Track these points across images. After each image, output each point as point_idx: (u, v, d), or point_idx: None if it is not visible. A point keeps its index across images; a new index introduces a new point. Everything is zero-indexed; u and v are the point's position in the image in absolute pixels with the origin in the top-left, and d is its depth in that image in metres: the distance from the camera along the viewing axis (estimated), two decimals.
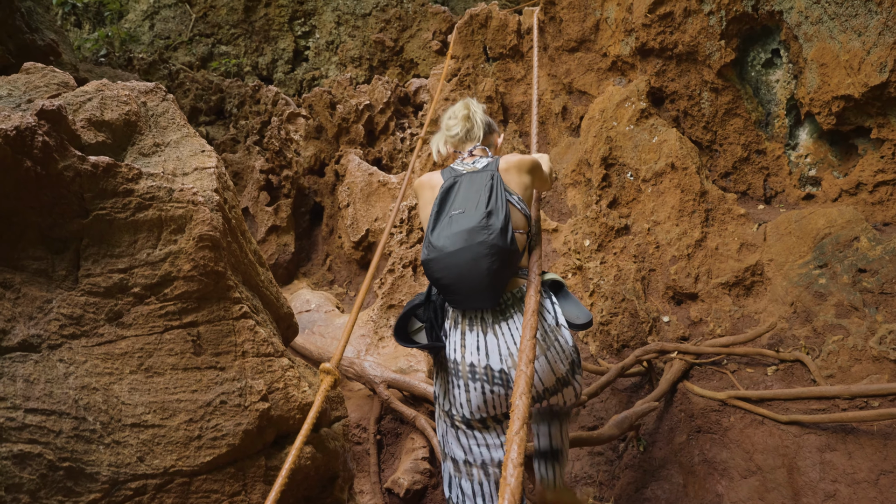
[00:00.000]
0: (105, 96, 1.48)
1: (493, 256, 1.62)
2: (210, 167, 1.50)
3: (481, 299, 1.70)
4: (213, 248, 1.34)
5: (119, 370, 1.21)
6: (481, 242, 1.62)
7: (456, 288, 1.67)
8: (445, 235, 1.68)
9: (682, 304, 3.82)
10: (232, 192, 1.64)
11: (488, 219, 1.65)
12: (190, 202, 1.34)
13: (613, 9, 5.06)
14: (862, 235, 3.13)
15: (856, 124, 3.64)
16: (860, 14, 3.43)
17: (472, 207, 1.69)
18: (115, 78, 6.23)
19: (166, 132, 1.60)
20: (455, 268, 1.65)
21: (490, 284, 1.65)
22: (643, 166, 4.16)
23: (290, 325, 1.86)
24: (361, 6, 8.62)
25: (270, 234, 5.39)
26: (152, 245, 1.31)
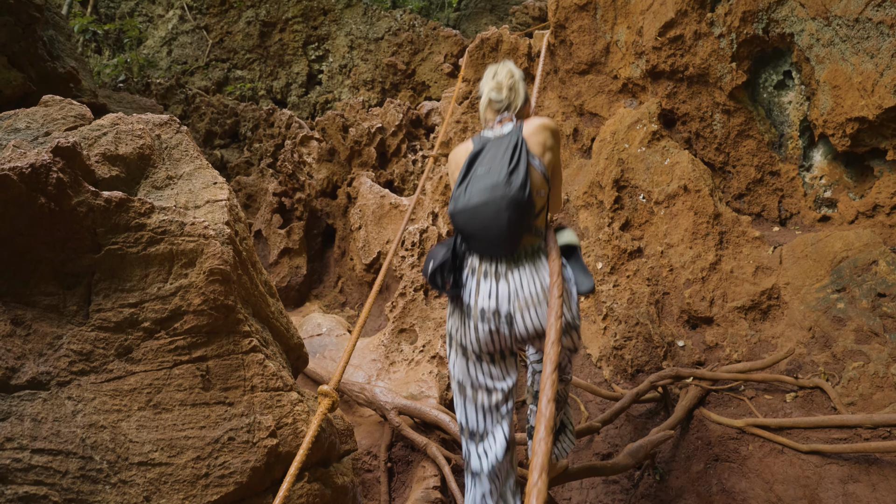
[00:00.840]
0: (120, 130, 1.50)
1: (512, 210, 1.82)
2: (222, 199, 1.51)
3: (500, 248, 1.92)
4: (223, 281, 1.34)
5: (127, 407, 1.20)
6: (502, 197, 1.82)
7: (479, 236, 1.91)
8: (471, 191, 1.90)
9: (697, 328, 3.77)
10: (243, 223, 1.64)
11: (510, 177, 1.85)
12: (201, 236, 1.34)
13: (623, 32, 5.08)
14: (880, 259, 3.08)
15: (871, 146, 3.60)
16: (872, 36, 3.42)
17: (496, 167, 1.90)
18: (133, 103, 6.36)
19: (179, 164, 1.62)
20: (479, 219, 1.87)
21: (509, 235, 1.86)
22: (655, 188, 4.13)
23: (300, 356, 1.85)
24: (374, 30, 8.75)
25: (283, 256, 5.42)
26: (163, 279, 1.32)
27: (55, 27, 6.03)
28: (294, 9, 9.02)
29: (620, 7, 5.10)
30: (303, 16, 9.02)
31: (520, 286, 1.91)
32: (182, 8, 9.30)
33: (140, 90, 7.77)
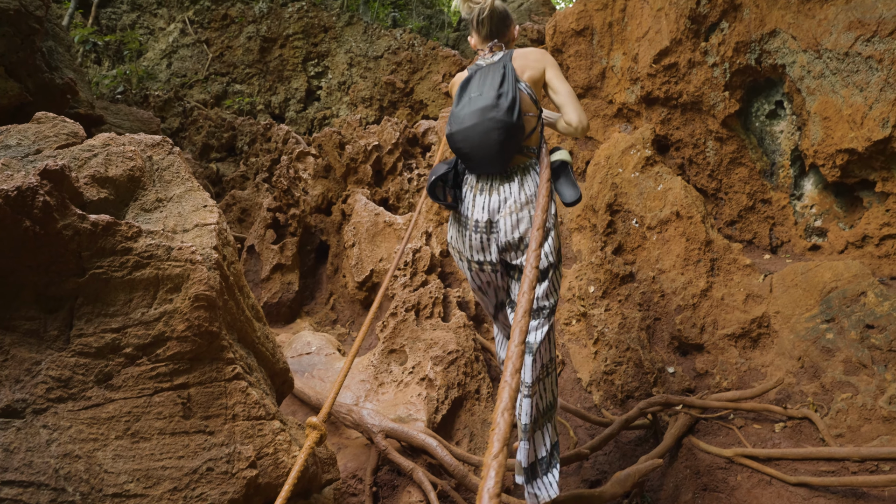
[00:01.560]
0: (111, 152, 1.50)
1: (501, 130, 2.00)
2: (211, 223, 1.51)
3: (491, 165, 2.12)
4: (208, 307, 1.33)
5: (104, 435, 1.18)
6: (492, 118, 2.01)
7: (472, 155, 2.11)
8: (465, 113, 2.10)
9: (687, 354, 3.76)
10: (232, 247, 1.64)
11: (498, 99, 2.02)
12: (188, 261, 1.34)
13: (619, 58, 5.15)
14: (869, 290, 3.09)
15: (860, 177, 3.64)
16: (861, 70, 3.47)
17: (486, 91, 2.07)
18: (130, 115, 6.37)
19: (170, 186, 1.62)
20: (472, 138, 2.07)
21: (499, 153, 2.06)
22: (648, 213, 4.16)
23: (285, 381, 1.83)
24: (374, 49, 8.84)
25: (275, 272, 5.40)
26: (147, 304, 1.31)
27: (55, 38, 6.06)
28: (295, 25, 9.11)
29: (617, 34, 5.17)
30: (303, 32, 9.10)
31: (507, 195, 2.14)
32: (184, 22, 9.38)
33: (138, 102, 7.80)
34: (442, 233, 4.65)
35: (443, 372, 3.39)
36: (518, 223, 2.12)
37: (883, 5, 3.39)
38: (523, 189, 2.14)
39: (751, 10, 4.03)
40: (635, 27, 4.94)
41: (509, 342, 1.14)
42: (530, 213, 2.11)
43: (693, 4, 4.27)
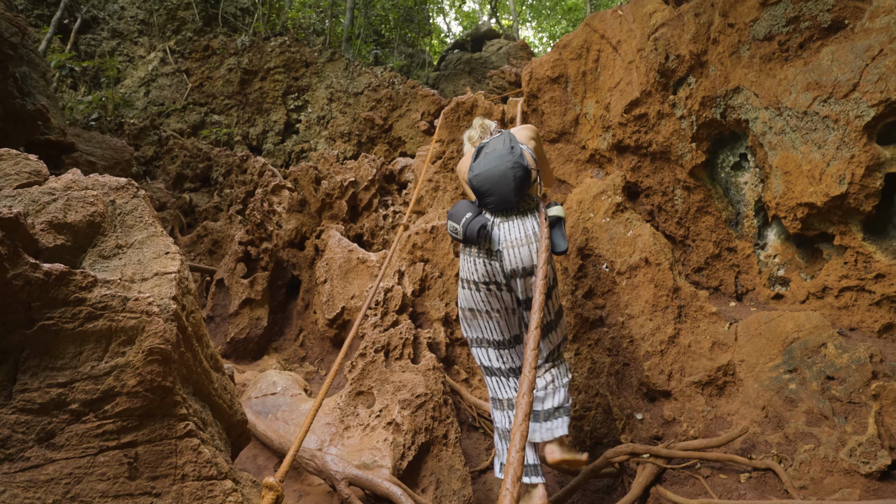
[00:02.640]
0: (71, 197, 1.47)
1: (516, 169, 2.58)
2: (171, 272, 1.48)
3: (508, 200, 2.63)
4: (162, 361, 1.29)
5: (41, 500, 1.12)
6: (507, 161, 2.60)
7: (493, 191, 2.62)
8: (484, 162, 2.68)
9: (655, 401, 3.78)
10: (192, 295, 1.61)
11: (512, 150, 2.64)
12: (144, 312, 1.31)
13: (592, 105, 5.31)
14: (829, 342, 3.17)
15: (820, 230, 3.77)
16: (819, 129, 3.64)
17: (500, 148, 2.69)
18: (102, 143, 6.29)
19: (132, 231, 1.59)
20: (493, 177, 2.62)
21: (514, 188, 2.59)
22: (618, 259, 4.22)
23: (242, 433, 1.78)
24: (354, 85, 8.95)
25: (244, 307, 5.31)
26: (98, 357, 1.26)
27: (29, 64, 6.00)
28: (277, 59, 9.20)
29: (590, 82, 5.35)
30: (285, 66, 9.19)
31: (510, 231, 2.62)
32: (164, 51, 9.39)
33: (113, 129, 7.72)
34: (414, 272, 4.64)
35: (410, 416, 3.34)
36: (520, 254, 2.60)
37: (838, 69, 3.58)
38: (524, 226, 2.64)
39: (716, 67, 4.21)
40: (608, 77, 5.12)
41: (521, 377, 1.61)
42: (530, 249, 2.60)
43: (662, 59, 4.45)
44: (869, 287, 3.49)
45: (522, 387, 1.91)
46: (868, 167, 3.36)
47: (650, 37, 4.64)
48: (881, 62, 3.40)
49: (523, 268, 2.60)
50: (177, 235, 6.41)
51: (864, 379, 2.87)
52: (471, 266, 2.70)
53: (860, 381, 2.89)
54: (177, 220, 6.63)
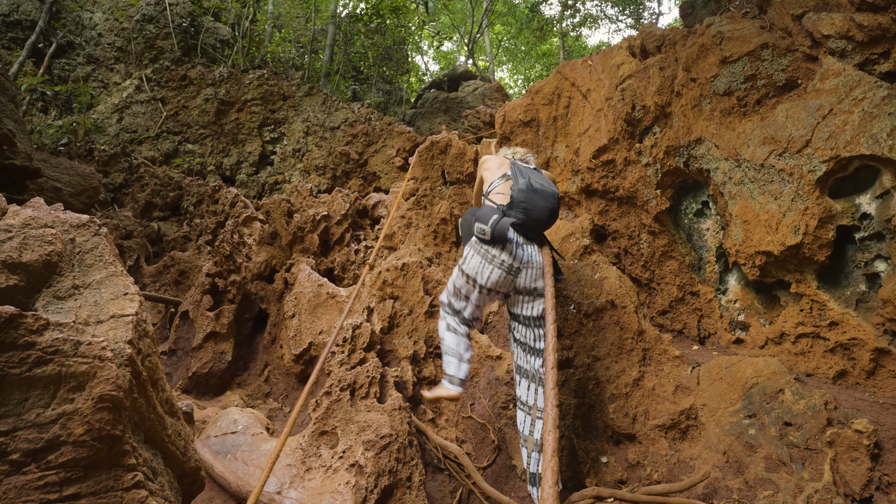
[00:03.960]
0: (29, 235, 1.45)
1: (554, 212, 3.09)
2: (129, 314, 1.45)
3: (539, 230, 3.14)
4: (113, 409, 1.26)
5: None
6: (553, 198, 3.08)
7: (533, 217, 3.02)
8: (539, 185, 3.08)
9: (620, 444, 3.79)
10: (150, 338, 1.58)
11: (556, 196, 3.13)
12: (96, 357, 1.28)
13: (562, 150, 5.46)
14: (786, 388, 3.24)
15: (777, 277, 3.90)
16: (775, 181, 3.81)
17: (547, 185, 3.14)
18: (70, 169, 6.18)
19: (90, 271, 1.57)
20: (538, 207, 3.01)
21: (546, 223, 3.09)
22: (585, 301, 4.29)
23: (195, 481, 1.72)
24: (331, 119, 9.03)
25: (208, 340, 5.19)
26: (45, 404, 1.23)
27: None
28: (254, 91, 9.24)
29: (560, 127, 5.51)
30: (262, 99, 9.24)
31: (532, 255, 3.06)
32: (140, 79, 9.36)
33: (82, 155, 7.60)
34: (384, 309, 4.62)
35: (374, 458, 3.28)
36: (535, 279, 3.06)
37: (792, 125, 3.78)
38: (538, 254, 3.11)
39: (679, 118, 4.39)
40: (577, 123, 5.29)
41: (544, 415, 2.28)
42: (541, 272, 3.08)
43: (629, 108, 4.62)
44: (824, 334, 3.61)
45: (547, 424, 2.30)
46: (821, 219, 3.52)
47: (618, 87, 4.83)
48: (831, 121, 3.60)
49: (535, 288, 3.06)
50: (142, 265, 6.28)
51: (819, 426, 2.94)
52: (484, 270, 2.99)
53: (816, 427, 2.96)
54: (143, 249, 6.50)
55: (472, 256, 3.06)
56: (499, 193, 3.31)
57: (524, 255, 3.03)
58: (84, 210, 5.71)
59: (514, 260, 2.99)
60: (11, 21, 8.98)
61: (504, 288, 3.07)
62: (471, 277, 3.06)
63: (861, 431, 2.66)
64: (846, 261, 3.58)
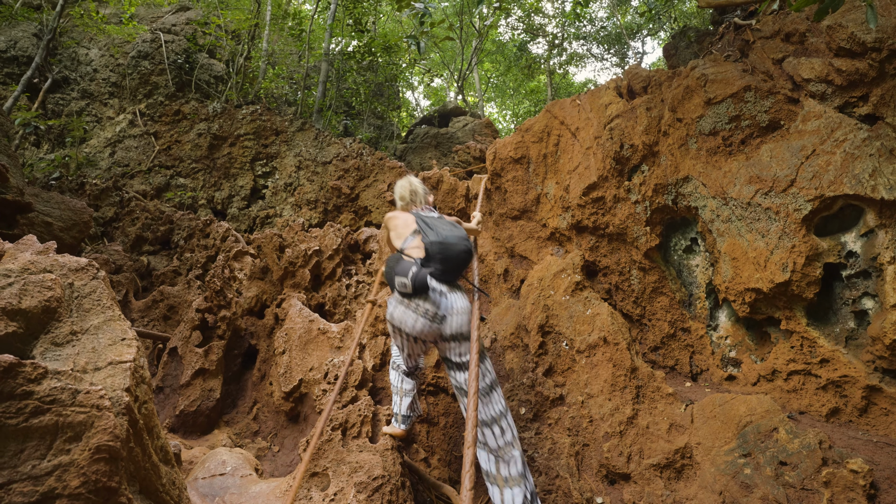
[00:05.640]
0: (28, 281, 1.44)
1: (468, 252, 3.29)
2: (127, 360, 1.44)
3: (454, 273, 3.26)
4: (110, 460, 1.24)
5: None
6: (465, 244, 3.29)
7: (447, 261, 3.19)
8: (444, 233, 3.27)
9: (615, 483, 3.75)
10: (147, 384, 1.56)
11: (461, 233, 3.35)
12: (94, 406, 1.26)
13: (553, 186, 5.55)
14: (780, 427, 3.25)
15: (767, 314, 3.95)
16: (762, 219, 3.89)
17: (454, 231, 3.34)
18: (61, 204, 6.16)
19: (88, 315, 1.56)
20: (451, 251, 3.20)
21: (461, 265, 3.26)
22: (577, 337, 4.29)
23: None
24: (323, 154, 9.12)
25: (196, 377, 5.11)
26: (41, 455, 1.21)
27: None
28: (247, 126, 9.34)
29: (550, 164, 5.61)
30: (255, 134, 9.33)
31: (455, 301, 3.19)
32: (134, 113, 9.43)
33: (73, 189, 7.59)
34: (376, 346, 4.60)
35: (366, 500, 3.21)
36: (462, 324, 3.18)
37: (776, 165, 3.89)
38: (460, 300, 3.23)
39: (667, 157, 4.50)
40: (567, 161, 5.39)
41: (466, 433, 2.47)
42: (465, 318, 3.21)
43: (617, 147, 4.73)
44: (815, 371, 3.63)
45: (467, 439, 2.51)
46: (808, 257, 3.59)
47: (606, 126, 4.95)
48: (814, 161, 3.71)
49: (461, 333, 3.18)
50: (131, 300, 6.21)
51: (814, 465, 2.93)
52: (409, 320, 3.14)
53: (811, 467, 2.96)
54: (132, 284, 6.44)
55: (395, 307, 3.22)
56: (414, 248, 3.37)
57: (447, 304, 3.15)
58: (74, 244, 5.68)
59: (439, 308, 3.12)
60: (8, 57, 9.06)
61: (430, 337, 3.21)
62: (396, 328, 3.24)
63: (857, 471, 2.66)
64: (834, 298, 3.63)
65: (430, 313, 3.11)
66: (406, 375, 3.78)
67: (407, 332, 3.18)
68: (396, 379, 3.77)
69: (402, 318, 3.16)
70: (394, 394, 3.77)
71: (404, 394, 3.75)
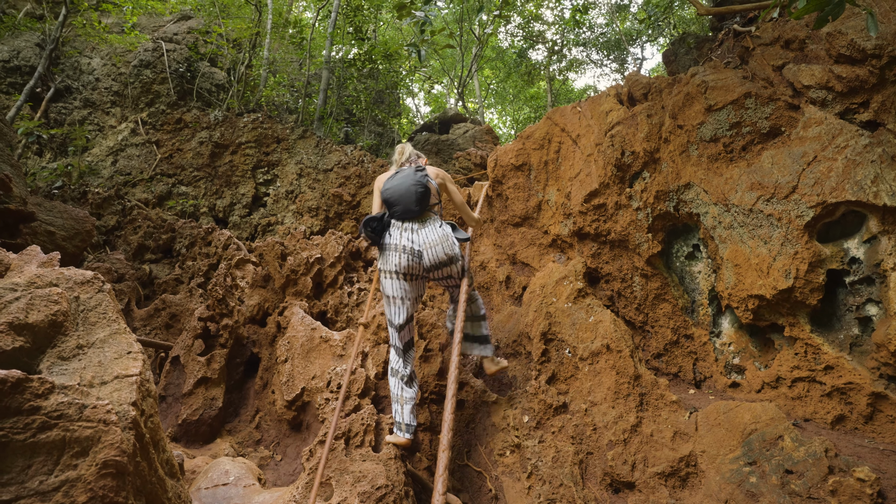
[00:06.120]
0: (34, 295, 1.45)
1: (418, 187, 3.66)
2: (133, 374, 1.44)
3: (412, 210, 3.65)
4: (117, 475, 1.24)
5: None
6: (413, 180, 3.69)
7: (400, 202, 3.66)
8: (396, 180, 3.74)
9: (619, 492, 3.73)
10: (153, 398, 1.56)
11: (415, 174, 3.75)
12: (101, 421, 1.26)
13: (554, 193, 5.55)
14: (785, 434, 3.24)
15: (771, 321, 3.94)
16: (764, 225, 3.89)
17: (409, 174, 3.75)
18: (64, 213, 6.18)
19: (94, 329, 1.56)
20: (400, 191, 3.66)
21: (417, 200, 3.65)
22: (580, 345, 4.29)
23: None
24: (324, 162, 9.14)
25: (199, 386, 5.10)
26: (48, 471, 1.21)
27: None
28: (249, 134, 9.36)
29: (552, 171, 5.61)
30: (256, 142, 9.35)
31: (427, 235, 3.63)
32: (136, 122, 9.46)
33: (76, 198, 7.60)
34: (378, 354, 4.59)
35: None
36: (437, 252, 3.63)
37: (778, 171, 3.89)
38: (434, 231, 3.67)
39: (668, 164, 4.51)
40: (568, 168, 5.40)
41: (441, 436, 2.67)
42: (443, 247, 3.66)
43: (618, 154, 4.74)
44: (819, 378, 3.63)
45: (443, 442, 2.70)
46: (811, 263, 3.58)
47: (607, 133, 4.96)
48: (816, 167, 3.71)
49: (439, 261, 3.66)
50: (133, 308, 6.21)
51: (821, 474, 2.92)
52: (395, 259, 3.59)
53: (818, 475, 2.94)
54: (134, 293, 6.44)
55: (382, 256, 3.71)
56: None
57: (420, 238, 3.61)
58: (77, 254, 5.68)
59: (413, 244, 3.59)
60: (11, 67, 9.10)
61: (415, 270, 3.64)
62: (385, 270, 3.66)
63: (864, 480, 2.65)
64: (838, 304, 3.63)
65: (407, 249, 3.57)
66: (406, 384, 3.82)
67: (396, 270, 3.60)
68: (396, 386, 3.82)
69: (392, 261, 3.61)
70: (393, 402, 3.80)
71: (405, 402, 3.76)
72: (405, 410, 3.74)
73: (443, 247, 3.65)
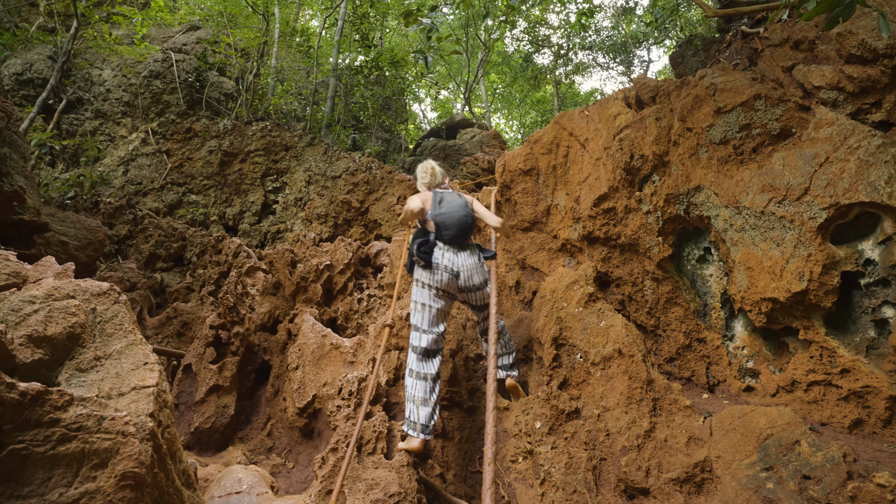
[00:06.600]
0: (53, 308, 1.46)
1: (468, 218, 4.03)
2: (150, 385, 1.45)
3: (460, 237, 3.99)
4: (135, 486, 1.25)
5: None
6: (465, 213, 4.03)
7: (452, 228, 3.96)
8: (449, 206, 4.05)
9: (634, 498, 3.70)
10: (169, 409, 1.57)
11: (465, 207, 4.09)
12: (119, 433, 1.27)
13: (563, 197, 5.54)
14: (802, 439, 3.20)
15: (785, 324, 3.90)
16: (776, 228, 3.85)
17: (458, 201, 4.12)
18: (77, 223, 6.25)
19: (111, 340, 1.57)
20: (453, 219, 3.97)
21: (467, 230, 4.01)
22: (592, 349, 4.26)
23: None
24: (332, 169, 9.18)
25: (211, 394, 5.12)
26: (67, 483, 1.21)
27: (11, 145, 6.04)
28: (257, 143, 9.43)
29: (560, 176, 5.61)
30: (265, 150, 9.41)
31: (465, 259, 3.97)
32: (147, 132, 9.56)
33: (88, 207, 7.68)
34: (389, 360, 4.59)
35: None
36: (472, 276, 3.97)
37: (789, 173, 3.86)
38: (472, 257, 4.01)
39: (678, 167, 4.48)
40: (577, 172, 5.38)
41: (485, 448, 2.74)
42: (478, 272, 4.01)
43: (627, 158, 4.72)
44: (836, 382, 3.58)
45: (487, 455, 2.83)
46: (825, 265, 3.55)
47: (615, 137, 4.95)
48: (828, 169, 3.68)
49: (473, 285, 3.99)
50: (145, 317, 6.26)
51: (839, 479, 2.88)
52: (439, 276, 3.88)
53: (836, 481, 2.91)
54: (146, 301, 6.49)
55: (426, 271, 3.95)
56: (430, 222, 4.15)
57: (459, 261, 3.93)
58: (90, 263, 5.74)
59: (453, 265, 3.90)
60: (24, 79, 9.23)
61: (452, 289, 3.94)
62: (427, 284, 3.91)
63: (884, 486, 2.61)
64: (853, 307, 3.59)
65: (448, 269, 3.88)
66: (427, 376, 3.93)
67: (436, 286, 3.89)
68: (412, 386, 3.88)
69: (432, 278, 3.90)
70: (408, 402, 3.83)
71: (421, 403, 3.80)
72: (421, 412, 3.78)
73: (479, 273, 4.01)
